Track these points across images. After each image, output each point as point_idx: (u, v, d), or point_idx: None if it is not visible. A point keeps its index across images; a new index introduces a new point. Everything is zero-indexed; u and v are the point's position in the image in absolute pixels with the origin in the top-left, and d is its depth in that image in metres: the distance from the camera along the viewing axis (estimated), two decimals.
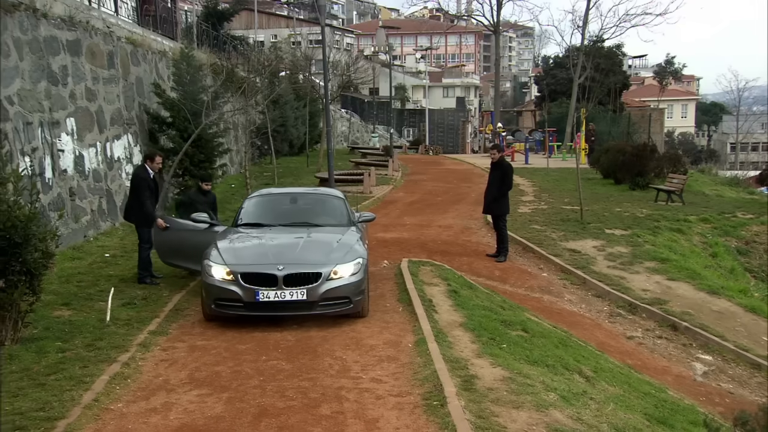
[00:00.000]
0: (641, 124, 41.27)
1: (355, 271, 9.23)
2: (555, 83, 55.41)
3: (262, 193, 12.10)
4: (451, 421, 5.96)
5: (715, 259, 15.77)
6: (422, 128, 61.57)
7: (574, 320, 11.72)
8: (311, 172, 27.88)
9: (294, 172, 28.10)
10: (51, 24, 13.72)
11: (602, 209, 19.20)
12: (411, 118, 69.37)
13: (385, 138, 50.57)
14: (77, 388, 6.87)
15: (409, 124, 68.70)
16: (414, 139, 56.72)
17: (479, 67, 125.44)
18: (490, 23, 42.20)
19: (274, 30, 72.83)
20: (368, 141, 51.15)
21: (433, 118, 64.60)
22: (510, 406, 6.39)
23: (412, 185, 26.28)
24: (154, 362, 7.87)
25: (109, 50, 16.38)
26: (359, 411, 6.44)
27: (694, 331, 11.35)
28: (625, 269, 13.87)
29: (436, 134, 63.66)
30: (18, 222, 7.89)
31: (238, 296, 8.92)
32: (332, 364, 7.71)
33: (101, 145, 15.44)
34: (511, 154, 36.60)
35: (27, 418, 6.18)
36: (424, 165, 35.49)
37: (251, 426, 6.20)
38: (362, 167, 27.82)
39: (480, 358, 7.80)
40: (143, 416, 6.41)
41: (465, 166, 34.44)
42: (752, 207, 20.55)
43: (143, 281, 11.28)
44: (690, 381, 10.17)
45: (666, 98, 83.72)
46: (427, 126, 61.37)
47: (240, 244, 9.86)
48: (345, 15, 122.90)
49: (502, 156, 14.63)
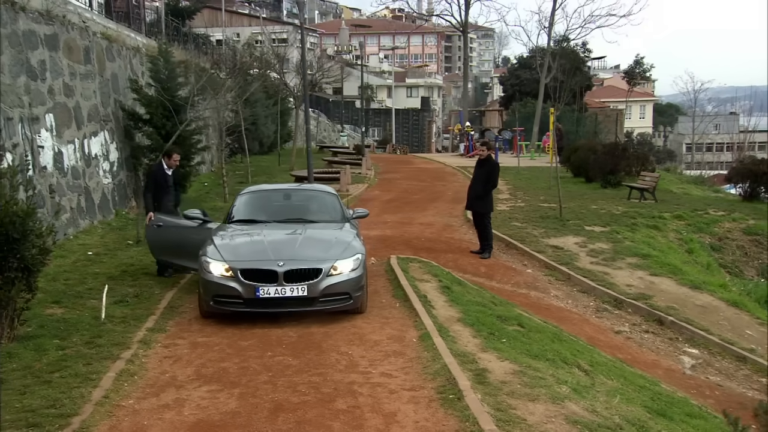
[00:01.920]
0: (606, 123, 41.85)
1: (354, 266, 9.22)
2: (519, 84, 55.85)
3: (255, 190, 11.98)
4: (471, 414, 5.98)
5: (691, 255, 16.05)
6: (388, 128, 61.63)
7: (562, 315, 11.83)
8: (284, 171, 27.78)
9: (266, 171, 27.94)
10: (29, 18, 13.46)
11: (578, 207, 19.42)
12: (376, 118, 69.41)
13: (352, 137, 50.51)
14: (85, 385, 6.76)
15: (374, 123, 68.73)
16: (381, 139, 56.77)
17: (441, 67, 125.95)
18: (458, 23, 42.41)
19: (237, 28, 72.30)
20: (335, 140, 50.99)
21: (398, 118, 64.72)
22: (526, 398, 6.43)
23: (387, 184, 26.30)
24: (158, 359, 7.77)
25: (86, 45, 16.11)
26: (375, 405, 6.43)
27: (679, 325, 11.54)
28: (608, 265, 14.05)
29: (401, 134, 63.81)
30: (16, 218, 7.72)
31: (237, 293, 8.83)
32: (339, 360, 7.69)
33: (79, 142, 15.18)
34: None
35: (39, 415, 6.06)
36: (395, 164, 35.55)
37: (268, 421, 6.15)
38: (336, 166, 27.77)
39: (485, 353, 7.83)
40: (157, 412, 6.32)
41: (435, 165, 34.55)
42: (722, 204, 20.98)
43: (162, 274, 11.45)
44: (680, 374, 10.34)
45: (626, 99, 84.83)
46: (393, 125, 61.45)
47: (237, 240, 9.77)
48: (307, 14, 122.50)
49: (490, 154, 14.69)
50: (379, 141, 57.34)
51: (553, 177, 23.61)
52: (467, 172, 29.79)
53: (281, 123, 34.65)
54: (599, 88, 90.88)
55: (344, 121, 61.53)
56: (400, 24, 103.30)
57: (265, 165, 30.18)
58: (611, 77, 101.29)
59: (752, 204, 21.07)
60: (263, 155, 34.32)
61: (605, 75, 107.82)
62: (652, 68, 67.21)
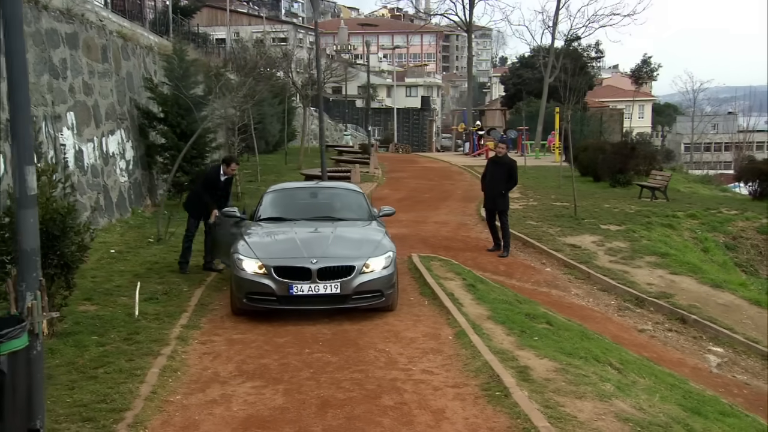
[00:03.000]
0: (609, 123, 41.94)
1: (386, 264, 9.27)
2: (521, 83, 55.93)
3: (282, 188, 12.05)
4: (522, 411, 6.03)
5: (707, 254, 16.11)
6: (390, 127, 61.66)
7: (585, 314, 11.88)
8: (291, 170, 27.81)
9: (274, 170, 27.94)
10: (51, 16, 13.49)
11: (591, 205, 19.49)
12: (376, 117, 69.42)
13: (354, 136, 50.55)
14: (131, 381, 6.81)
15: (374, 122, 68.76)
16: (383, 138, 56.82)
17: (439, 67, 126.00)
18: (463, 22, 42.47)
19: (237, 27, 72.27)
20: (338, 139, 51.00)
21: (398, 117, 64.78)
22: (572, 396, 6.49)
23: (395, 183, 26.34)
24: (197, 355, 7.82)
25: (103, 44, 16.14)
26: (421, 401, 6.48)
27: (703, 323, 11.59)
28: (627, 264, 14.10)
29: (402, 133, 63.87)
30: (57, 215, 7.76)
31: (271, 290, 8.88)
32: (378, 357, 7.74)
33: (98, 140, 15.22)
34: (485, 153, 36.88)
35: (92, 410, 6.11)
36: (400, 163, 35.59)
37: (318, 416, 6.20)
38: (343, 164, 27.80)
39: (522, 350, 7.89)
40: (206, 408, 6.37)
41: (441, 164, 34.61)
42: (733, 203, 21.06)
43: (184, 270, 11.52)
44: (706, 373, 10.39)
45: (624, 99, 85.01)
46: (395, 125, 61.49)
47: (269, 237, 9.85)
48: (305, 13, 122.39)
49: (507, 152, 14.74)
50: (381, 140, 57.36)
51: (564, 176, 23.78)
52: (474, 171, 29.88)
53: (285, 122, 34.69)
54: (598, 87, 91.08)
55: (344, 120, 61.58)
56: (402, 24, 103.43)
57: (271, 164, 30.16)
58: (610, 77, 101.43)
59: (763, 203, 21.13)
60: (269, 154, 34.31)
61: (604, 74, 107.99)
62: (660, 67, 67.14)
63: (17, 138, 4.73)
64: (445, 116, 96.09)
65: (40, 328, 4.81)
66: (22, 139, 4.73)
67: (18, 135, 4.73)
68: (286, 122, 33.05)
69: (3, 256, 7.77)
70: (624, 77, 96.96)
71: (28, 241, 4.76)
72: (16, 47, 4.69)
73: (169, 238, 13.89)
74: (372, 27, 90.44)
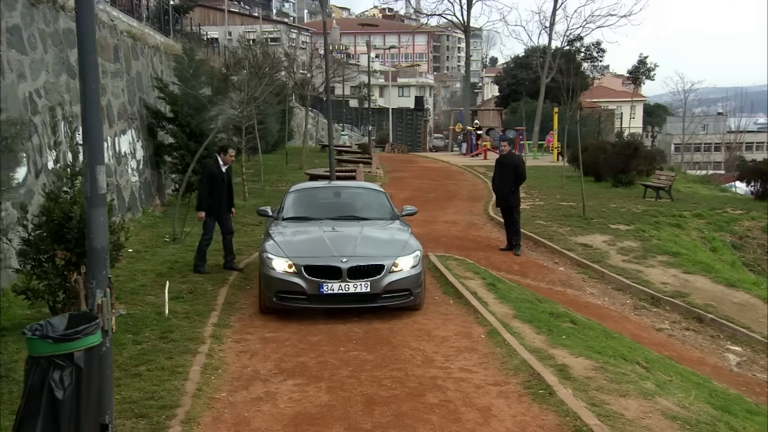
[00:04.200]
0: (605, 123, 42.20)
1: (414, 263, 9.39)
2: (516, 83, 56.20)
3: (304, 187, 12.15)
4: (570, 409, 6.12)
5: (716, 254, 16.25)
6: (385, 127, 61.74)
7: (602, 313, 11.98)
8: (292, 170, 27.83)
9: (275, 170, 27.95)
10: (68, 16, 13.48)
11: (598, 205, 19.62)
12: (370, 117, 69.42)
13: (350, 137, 50.59)
14: (174, 378, 6.87)
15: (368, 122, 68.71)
16: (379, 138, 56.81)
17: (430, 67, 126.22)
18: (461, 22, 42.62)
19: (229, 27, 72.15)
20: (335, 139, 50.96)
21: (392, 117, 64.85)
22: (616, 394, 6.58)
23: (399, 182, 26.39)
24: (234, 353, 7.88)
25: (114, 44, 16.13)
26: (466, 399, 6.57)
27: (720, 322, 11.70)
28: (640, 263, 14.23)
29: (396, 133, 63.92)
30: None
31: (301, 288, 8.95)
32: (413, 355, 7.81)
33: (111, 140, 15.22)
34: (484, 152, 37.03)
35: (142, 406, 6.18)
36: (400, 163, 35.66)
37: (365, 413, 6.27)
38: (344, 164, 27.83)
39: (555, 349, 7.99)
40: (253, 405, 6.44)
41: (440, 164, 34.71)
42: (737, 203, 21.26)
43: (198, 270, 11.48)
44: (727, 372, 10.49)
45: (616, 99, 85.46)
46: (390, 125, 61.57)
47: (297, 237, 9.91)
48: (296, 13, 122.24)
49: (512, 149, 14.87)
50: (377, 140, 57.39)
51: (566, 176, 23.94)
52: (474, 171, 30.03)
53: (284, 122, 34.68)
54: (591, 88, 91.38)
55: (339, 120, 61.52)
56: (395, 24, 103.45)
57: (272, 164, 30.16)
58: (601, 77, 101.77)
59: (764, 202, 21.32)
60: (268, 154, 34.29)
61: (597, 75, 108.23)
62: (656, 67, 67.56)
63: (89, 140, 4.80)
64: (437, 116, 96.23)
65: (110, 325, 4.89)
66: (93, 141, 4.80)
67: (89, 137, 4.80)
68: (287, 122, 32.98)
69: (40, 255, 7.85)
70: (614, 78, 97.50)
71: (98, 239, 4.83)
72: (90, 60, 4.76)
73: (184, 237, 13.92)
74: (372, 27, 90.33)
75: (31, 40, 11.73)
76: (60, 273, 7.89)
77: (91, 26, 4.82)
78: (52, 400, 4.36)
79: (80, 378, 4.45)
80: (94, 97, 4.78)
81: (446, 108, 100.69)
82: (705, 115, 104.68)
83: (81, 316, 4.81)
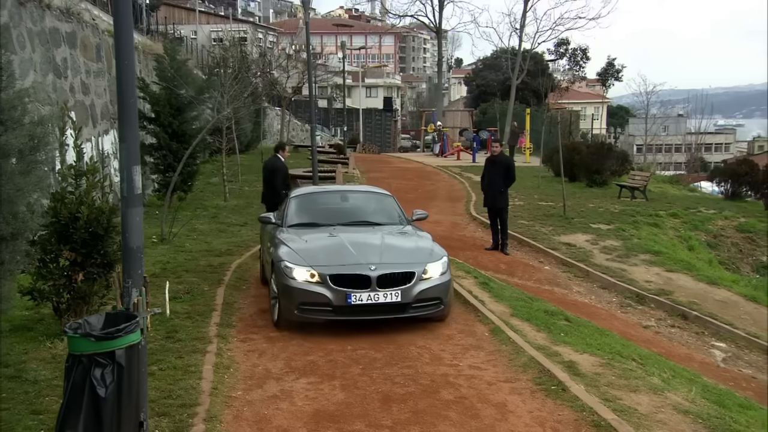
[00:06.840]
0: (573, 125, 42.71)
1: (443, 270, 8.82)
2: (485, 84, 56.58)
3: (308, 192, 11.57)
4: (585, 404, 6.25)
5: (693, 252, 16.59)
6: (355, 127, 61.78)
7: (590, 311, 12.19)
8: None
9: (251, 170, 27.79)
10: (53, 15, 13.38)
11: (577, 205, 19.92)
12: (339, 118, 69.42)
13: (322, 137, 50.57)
14: (188, 377, 6.88)
15: (337, 123, 68.72)
16: (350, 138, 56.84)
17: (397, 68, 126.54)
18: (433, 24, 42.84)
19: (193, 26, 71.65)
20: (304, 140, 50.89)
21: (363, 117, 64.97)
22: (626, 389, 6.74)
23: (376, 183, 26.29)
24: (242, 352, 7.91)
25: (97, 43, 16.03)
26: (480, 396, 6.67)
27: (704, 319, 11.98)
28: (623, 261, 14.50)
29: (365, 133, 64.03)
30: (101, 214, 7.79)
31: (327, 299, 8.28)
32: (421, 353, 7.90)
33: (95, 140, 15.13)
34: (457, 153, 37.26)
35: (161, 405, 6.20)
36: (375, 163, 35.71)
37: (384, 410, 6.35)
38: (322, 164, 27.81)
39: (558, 346, 8.14)
40: (271, 403, 6.49)
41: (415, 165, 34.84)
42: (709, 203, 21.73)
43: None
44: (714, 367, 10.75)
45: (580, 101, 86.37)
46: (361, 125, 61.65)
47: (314, 244, 9.12)
48: (262, 13, 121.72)
49: (502, 150, 15.05)
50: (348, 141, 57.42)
51: (541, 176, 24.21)
52: (449, 171, 30.22)
53: (256, 123, 34.58)
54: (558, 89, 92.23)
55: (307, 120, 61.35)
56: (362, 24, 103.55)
57: (248, 164, 30.02)
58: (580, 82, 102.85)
59: (735, 202, 21.82)
60: (242, 154, 34.14)
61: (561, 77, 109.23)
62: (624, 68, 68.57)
63: (126, 140, 4.82)
64: (404, 117, 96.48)
65: (145, 324, 4.92)
66: (130, 142, 4.82)
67: (126, 137, 4.82)
68: (262, 122, 32.91)
69: (45, 255, 7.81)
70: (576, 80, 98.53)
71: (134, 238, 4.87)
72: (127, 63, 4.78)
73: (172, 238, 13.88)
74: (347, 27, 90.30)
75: (20, 39, 11.64)
76: (65, 273, 7.86)
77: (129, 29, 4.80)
78: (95, 398, 4.40)
79: (121, 376, 4.49)
80: (130, 97, 4.80)
81: (413, 109, 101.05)
82: (666, 117, 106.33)
83: (117, 315, 4.85)
